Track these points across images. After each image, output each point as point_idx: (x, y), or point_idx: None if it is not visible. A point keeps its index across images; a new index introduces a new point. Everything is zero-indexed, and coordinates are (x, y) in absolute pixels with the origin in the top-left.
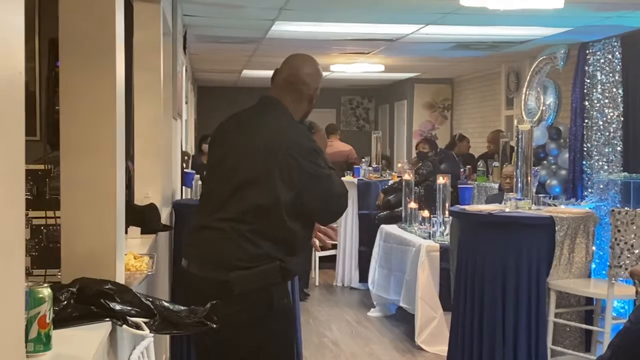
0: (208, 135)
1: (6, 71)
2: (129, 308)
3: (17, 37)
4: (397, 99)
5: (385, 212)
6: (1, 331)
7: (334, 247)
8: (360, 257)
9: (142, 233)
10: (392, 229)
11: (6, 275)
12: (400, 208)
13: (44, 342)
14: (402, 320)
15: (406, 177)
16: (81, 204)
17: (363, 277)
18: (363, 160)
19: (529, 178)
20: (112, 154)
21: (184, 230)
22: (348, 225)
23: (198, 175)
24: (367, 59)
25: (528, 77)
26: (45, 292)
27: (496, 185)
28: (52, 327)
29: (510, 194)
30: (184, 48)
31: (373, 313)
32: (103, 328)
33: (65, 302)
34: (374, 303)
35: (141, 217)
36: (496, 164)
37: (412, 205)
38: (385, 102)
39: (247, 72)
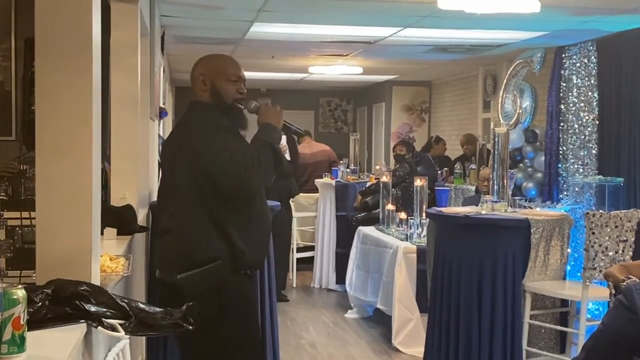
0: None
1: None
2: (104, 309)
3: None
4: (375, 101)
5: (362, 214)
6: None
7: (311, 249)
8: (338, 259)
9: (118, 234)
10: (370, 230)
11: None
12: (378, 210)
13: (18, 344)
14: (379, 322)
15: (384, 179)
16: (57, 204)
17: (340, 278)
18: (341, 162)
19: (505, 180)
20: (88, 154)
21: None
22: (326, 226)
23: None
24: (346, 61)
25: (505, 80)
26: (20, 293)
27: (473, 188)
28: (26, 328)
29: (487, 196)
30: (162, 48)
31: (350, 315)
32: (78, 330)
33: (40, 304)
34: (351, 305)
35: (118, 218)
36: (473, 166)
37: (390, 207)
38: (364, 104)
39: None
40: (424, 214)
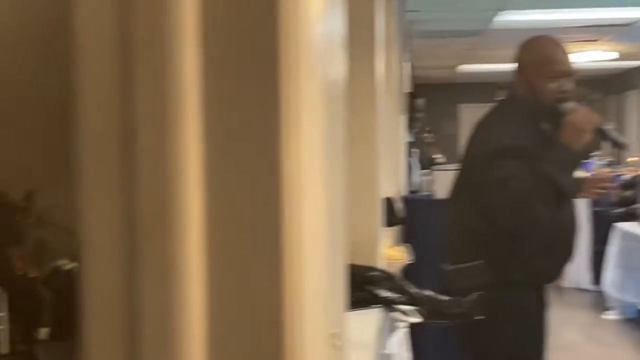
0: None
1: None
2: (394, 295)
3: (341, 46)
4: (628, 88)
5: (621, 209)
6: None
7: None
8: (594, 257)
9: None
10: (631, 226)
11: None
12: (638, 204)
13: None
14: None
15: None
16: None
17: (595, 278)
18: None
19: None
20: (374, 146)
21: (415, 225)
22: (580, 223)
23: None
24: (597, 46)
25: None
26: None
27: None
28: None
29: None
30: (407, 44)
31: (609, 316)
32: (375, 313)
33: None
34: (610, 305)
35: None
36: None
37: None
38: (615, 92)
39: (463, 67)
40: None
